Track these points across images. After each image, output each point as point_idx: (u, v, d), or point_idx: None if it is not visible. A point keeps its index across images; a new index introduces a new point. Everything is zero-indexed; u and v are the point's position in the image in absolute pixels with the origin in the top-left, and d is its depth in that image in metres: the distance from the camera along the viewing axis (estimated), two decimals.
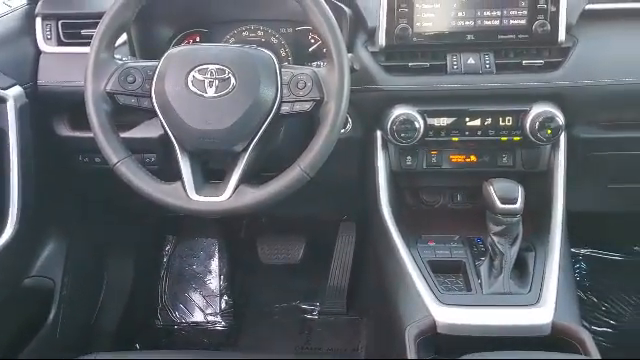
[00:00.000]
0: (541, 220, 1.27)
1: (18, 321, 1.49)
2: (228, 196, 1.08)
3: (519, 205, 1.12)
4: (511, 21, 1.22)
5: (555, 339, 1.07)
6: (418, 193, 1.44)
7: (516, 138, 1.27)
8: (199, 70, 1.08)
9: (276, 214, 1.81)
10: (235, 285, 2.10)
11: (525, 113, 1.24)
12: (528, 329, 1.08)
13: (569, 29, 1.23)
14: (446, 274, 1.20)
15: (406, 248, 1.23)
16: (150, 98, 1.10)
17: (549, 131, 1.22)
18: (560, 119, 1.21)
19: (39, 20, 1.41)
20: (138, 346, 1.90)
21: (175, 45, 1.44)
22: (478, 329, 1.09)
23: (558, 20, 1.21)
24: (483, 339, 1.07)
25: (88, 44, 1.12)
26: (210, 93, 1.07)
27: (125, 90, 1.11)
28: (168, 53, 1.12)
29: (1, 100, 1.27)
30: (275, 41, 1.45)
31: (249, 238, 2.12)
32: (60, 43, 1.40)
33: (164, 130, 1.12)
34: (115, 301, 1.85)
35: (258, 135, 1.08)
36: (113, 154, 1.09)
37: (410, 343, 1.06)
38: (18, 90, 1.30)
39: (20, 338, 1.49)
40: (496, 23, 1.23)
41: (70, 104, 1.35)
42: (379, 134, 1.33)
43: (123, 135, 1.15)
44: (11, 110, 1.27)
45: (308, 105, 1.09)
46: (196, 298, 2.07)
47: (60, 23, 1.40)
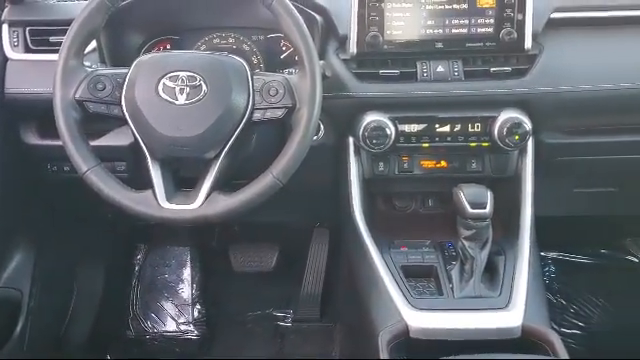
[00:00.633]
0: (510, 224, 1.29)
1: None
2: (200, 204, 1.07)
3: (488, 210, 1.14)
4: (479, 29, 1.24)
5: (525, 341, 1.09)
6: (390, 199, 1.46)
7: (485, 144, 1.29)
8: (170, 77, 1.07)
9: (248, 221, 1.81)
10: (208, 294, 2.09)
11: (493, 119, 1.26)
12: (499, 332, 1.10)
13: (535, 37, 1.26)
14: (418, 279, 1.21)
15: (379, 253, 1.24)
16: (120, 106, 1.10)
17: (517, 137, 1.24)
18: (527, 125, 1.24)
19: (6, 27, 1.39)
20: (109, 357, 1.88)
21: (145, 52, 1.43)
22: (450, 333, 1.10)
23: (524, 28, 1.23)
24: (455, 343, 1.09)
25: (56, 51, 1.10)
26: (181, 100, 1.07)
27: (95, 98, 1.10)
28: (138, 60, 1.11)
29: None
30: (247, 48, 1.45)
31: (221, 246, 2.10)
32: (28, 50, 1.38)
33: (134, 138, 1.11)
34: (85, 311, 1.82)
35: (230, 142, 1.08)
36: (82, 162, 1.08)
37: (383, 348, 1.07)
38: None
39: None
40: (464, 31, 1.25)
41: (38, 112, 1.33)
42: (351, 140, 1.34)
43: (93, 143, 1.14)
44: None
45: (280, 112, 1.09)
46: (168, 307, 2.05)
47: (28, 30, 1.38)
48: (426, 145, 1.31)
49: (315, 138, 1.27)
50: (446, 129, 1.29)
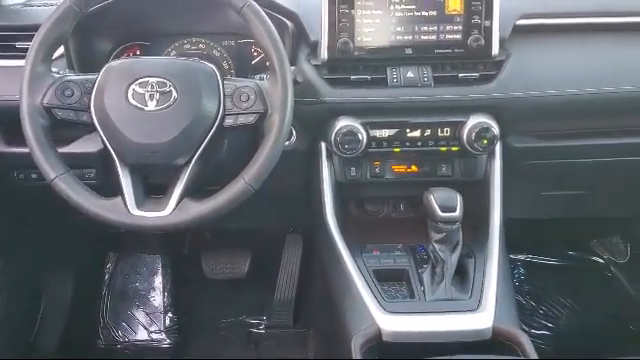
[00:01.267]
0: (480, 227, 1.31)
1: None
2: (170, 211, 1.07)
3: (458, 213, 1.16)
4: (447, 36, 1.26)
5: (495, 342, 1.11)
6: (363, 203, 1.47)
7: (454, 148, 1.31)
8: (139, 83, 1.07)
9: (220, 228, 1.79)
10: (180, 301, 2.07)
11: (462, 124, 1.28)
12: (470, 334, 1.12)
13: (502, 43, 1.28)
14: (390, 282, 1.22)
15: (351, 258, 1.24)
16: (89, 112, 1.08)
17: (485, 141, 1.26)
18: (495, 129, 1.26)
19: None
20: None
21: (115, 58, 1.42)
22: (422, 336, 1.11)
23: (492, 35, 1.26)
24: (427, 345, 1.10)
25: (23, 57, 1.09)
26: (151, 106, 1.06)
27: (63, 104, 1.08)
28: (107, 66, 1.10)
29: None
30: (217, 54, 1.44)
31: (193, 253, 2.08)
32: None
33: (104, 144, 1.10)
34: (54, 321, 1.79)
35: (201, 148, 1.07)
36: (50, 170, 1.06)
37: (356, 352, 1.07)
38: None
39: None
40: (433, 38, 1.27)
41: (5, 119, 1.30)
42: (323, 146, 1.34)
43: (61, 150, 1.12)
44: None
45: (252, 118, 1.09)
46: (139, 316, 2.02)
47: None
48: (397, 150, 1.32)
49: (287, 143, 1.28)
50: (417, 134, 1.31)
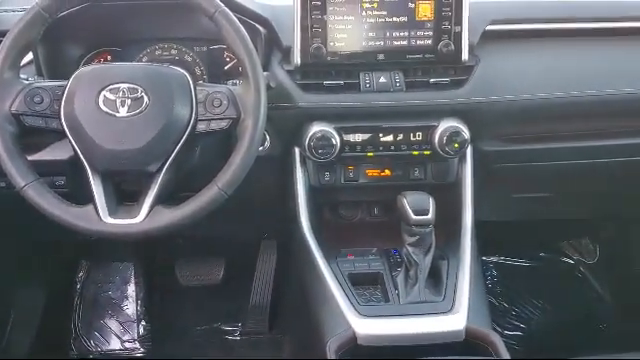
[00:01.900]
0: (452, 230, 1.33)
1: None
2: (143, 218, 1.06)
3: (431, 216, 1.17)
4: (418, 42, 1.28)
5: (469, 343, 1.12)
6: (337, 208, 1.47)
7: (426, 152, 1.33)
8: (110, 89, 1.06)
9: (194, 235, 1.78)
10: (153, 309, 2.04)
11: (434, 128, 1.30)
12: (444, 335, 1.13)
13: (472, 49, 1.30)
14: (365, 286, 1.23)
15: (326, 263, 1.25)
16: (59, 119, 1.07)
17: (456, 145, 1.28)
18: (465, 133, 1.28)
19: None
20: None
21: (85, 64, 1.40)
22: (396, 338, 1.12)
23: (461, 40, 1.27)
24: (402, 348, 1.11)
25: None
26: (122, 113, 1.05)
27: (32, 111, 1.07)
28: (78, 72, 1.09)
29: None
30: (189, 59, 1.44)
31: (166, 260, 2.06)
32: None
33: (74, 151, 1.08)
34: (24, 331, 1.75)
35: (173, 155, 1.07)
36: (20, 177, 1.04)
37: (331, 356, 1.07)
38: None
39: None
40: (404, 43, 1.28)
41: None
42: (297, 151, 1.34)
43: (30, 158, 1.10)
44: None
45: (225, 123, 1.09)
46: (112, 325, 1.99)
47: None
48: (371, 154, 1.33)
49: (261, 149, 1.27)
50: (389, 138, 1.32)
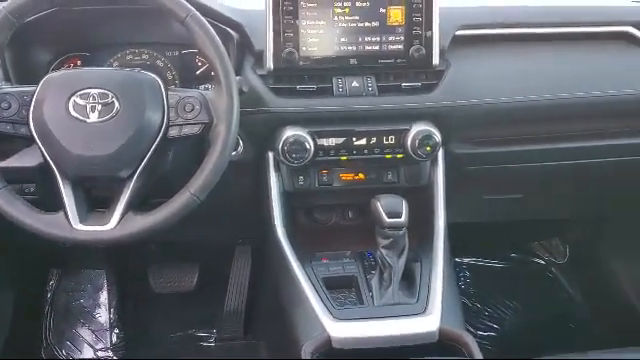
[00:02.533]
0: (425, 232, 1.34)
1: None
2: (114, 224, 1.05)
3: (404, 218, 1.18)
4: (390, 46, 1.29)
5: (442, 344, 1.13)
6: (311, 212, 1.47)
7: (399, 155, 1.34)
8: (81, 95, 1.04)
9: (167, 240, 1.77)
10: (126, 317, 2.01)
11: (406, 132, 1.31)
12: (418, 337, 1.14)
13: (442, 53, 1.32)
14: (340, 289, 1.23)
15: (300, 267, 1.25)
16: (28, 125, 1.05)
17: (428, 148, 1.29)
18: (437, 137, 1.29)
19: None
20: None
21: (55, 69, 1.38)
22: (371, 341, 1.13)
23: (432, 45, 1.29)
24: (376, 350, 1.11)
25: None
26: (93, 118, 1.04)
27: None
28: (47, 78, 1.07)
29: None
30: (161, 64, 1.43)
31: (139, 267, 2.04)
32: None
33: (44, 158, 1.07)
34: None
35: (145, 160, 1.06)
36: None
37: None
38: None
39: None
40: (376, 48, 1.29)
41: None
42: (271, 155, 1.34)
43: None
44: None
45: (197, 128, 1.08)
46: (84, 334, 1.96)
47: None
48: (344, 158, 1.34)
49: (234, 153, 1.27)
50: (363, 142, 1.33)
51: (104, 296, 2.02)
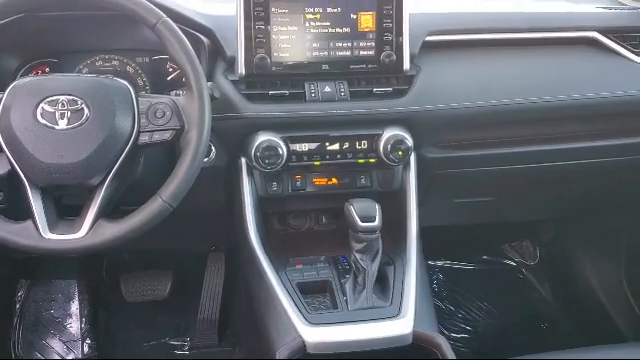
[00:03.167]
0: (398, 235, 1.35)
1: None
2: (85, 233, 1.03)
3: (377, 222, 1.18)
4: (361, 52, 1.30)
5: (416, 347, 1.14)
6: (285, 217, 1.47)
7: (372, 160, 1.34)
8: (49, 102, 1.03)
9: (139, 248, 1.75)
10: (99, 327, 1.98)
11: (378, 137, 1.32)
12: (392, 340, 1.14)
13: (412, 59, 1.33)
14: (314, 294, 1.23)
15: (274, 273, 1.24)
16: None
17: (400, 153, 1.30)
18: (409, 141, 1.30)
19: None
20: None
21: (22, 76, 1.36)
22: (345, 345, 1.13)
23: (402, 51, 1.30)
24: (351, 354, 1.12)
25: None
26: (62, 125, 1.02)
27: None
28: (14, 84, 1.05)
29: None
30: (131, 70, 1.41)
31: (111, 276, 2.01)
32: None
33: (11, 166, 1.04)
34: None
35: (115, 167, 1.05)
36: None
37: None
38: None
39: None
40: (348, 54, 1.30)
41: None
42: (244, 161, 1.34)
43: None
44: None
45: (168, 134, 1.08)
46: (55, 345, 1.92)
47: None
48: (317, 163, 1.34)
49: (206, 160, 1.27)
50: (336, 147, 1.33)
51: (75, 306, 1.99)
